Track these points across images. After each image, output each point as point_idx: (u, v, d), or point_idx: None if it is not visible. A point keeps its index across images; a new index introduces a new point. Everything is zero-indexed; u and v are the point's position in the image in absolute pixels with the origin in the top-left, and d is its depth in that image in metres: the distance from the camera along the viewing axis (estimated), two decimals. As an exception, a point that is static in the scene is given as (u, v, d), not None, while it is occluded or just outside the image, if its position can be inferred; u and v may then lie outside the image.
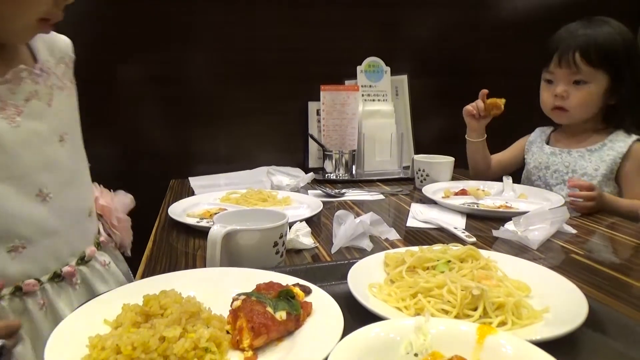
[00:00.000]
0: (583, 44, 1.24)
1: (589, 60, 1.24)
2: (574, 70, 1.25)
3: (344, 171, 1.55)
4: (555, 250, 0.89)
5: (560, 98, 1.30)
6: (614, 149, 1.28)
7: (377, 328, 0.46)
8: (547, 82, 1.34)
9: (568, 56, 1.25)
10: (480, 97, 1.42)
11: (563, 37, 1.29)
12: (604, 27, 1.25)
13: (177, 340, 0.47)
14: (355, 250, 0.88)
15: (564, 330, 0.51)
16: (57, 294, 0.77)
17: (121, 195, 1.01)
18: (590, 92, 1.27)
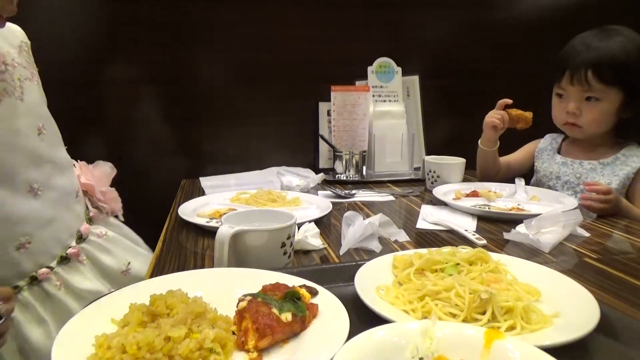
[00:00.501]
0: (595, 61, 1.20)
1: (602, 78, 1.20)
2: (585, 88, 1.22)
3: (354, 172, 1.55)
4: (568, 254, 0.88)
5: (572, 115, 1.27)
6: (627, 163, 1.26)
7: (382, 331, 0.46)
8: (559, 97, 1.32)
9: (580, 74, 1.22)
10: (498, 107, 1.37)
11: (574, 52, 1.25)
12: (617, 39, 1.21)
13: (182, 341, 0.47)
14: (364, 251, 0.87)
15: (575, 336, 0.50)
16: (68, 272, 0.85)
17: (100, 166, 1.04)
18: (603, 108, 1.24)
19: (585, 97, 1.25)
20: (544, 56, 1.34)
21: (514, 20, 1.90)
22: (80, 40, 1.55)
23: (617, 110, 1.24)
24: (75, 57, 1.54)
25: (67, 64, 1.53)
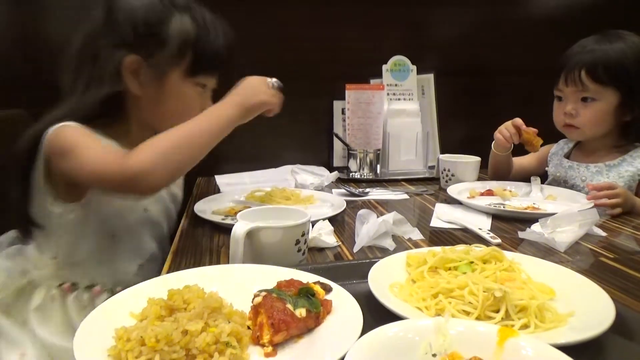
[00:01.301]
0: (589, 62, 1.21)
1: (595, 77, 1.21)
2: (580, 88, 1.23)
3: (368, 170, 1.55)
4: (584, 253, 0.87)
5: (570, 116, 1.27)
6: (633, 164, 1.24)
7: (396, 327, 0.46)
8: (558, 99, 1.32)
9: (574, 74, 1.23)
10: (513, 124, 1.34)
11: (571, 54, 1.26)
12: (617, 43, 1.22)
13: (199, 334, 0.48)
14: (377, 249, 0.88)
15: (589, 335, 0.49)
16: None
17: None
18: (599, 109, 1.23)
19: (581, 98, 1.25)
20: (561, 53, 1.33)
21: (530, 16, 1.88)
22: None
23: (615, 111, 1.23)
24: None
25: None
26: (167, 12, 0.93)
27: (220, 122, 0.91)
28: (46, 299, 0.92)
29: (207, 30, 0.97)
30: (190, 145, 0.86)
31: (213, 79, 1.05)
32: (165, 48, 0.93)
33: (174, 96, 0.98)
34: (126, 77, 0.92)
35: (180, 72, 0.96)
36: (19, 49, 1.53)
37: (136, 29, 0.91)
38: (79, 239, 0.95)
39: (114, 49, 0.91)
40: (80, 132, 0.88)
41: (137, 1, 0.94)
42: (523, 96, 1.90)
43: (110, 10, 0.93)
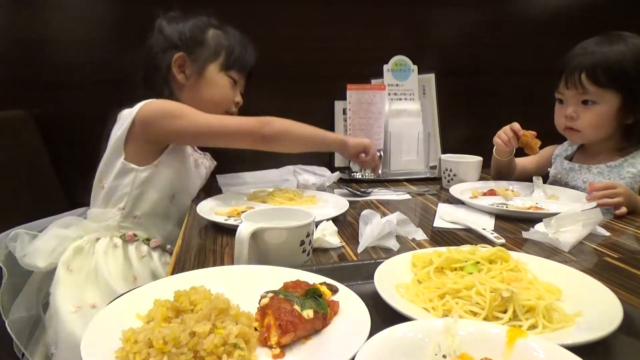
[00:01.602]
0: (589, 64, 1.20)
1: (595, 80, 1.20)
2: (580, 90, 1.22)
3: (370, 171, 1.55)
4: (588, 253, 0.87)
5: (570, 119, 1.27)
6: (634, 166, 1.24)
7: (405, 328, 0.46)
8: (559, 102, 1.32)
9: (574, 77, 1.22)
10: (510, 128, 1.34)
11: (572, 56, 1.26)
12: (617, 45, 1.21)
13: (206, 336, 0.48)
14: (381, 250, 0.88)
15: (598, 335, 0.49)
16: None
17: None
18: (599, 112, 1.23)
19: (582, 101, 1.24)
20: (562, 53, 1.32)
21: (531, 16, 1.88)
22: (104, 40, 1.57)
23: (617, 114, 1.23)
24: (100, 56, 1.57)
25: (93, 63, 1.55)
26: (205, 26, 1.27)
27: (323, 140, 1.27)
28: (109, 246, 1.12)
29: (235, 39, 1.29)
30: (299, 136, 1.22)
31: (242, 78, 1.34)
32: (204, 48, 1.25)
33: (210, 84, 1.27)
34: (175, 70, 1.24)
35: (216, 66, 1.27)
36: (19, 50, 1.53)
37: (182, 36, 1.24)
38: (145, 194, 1.16)
39: (165, 53, 1.24)
40: (176, 102, 1.19)
41: (181, 22, 1.26)
42: (524, 96, 1.90)
43: (161, 30, 1.26)
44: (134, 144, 1.13)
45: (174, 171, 1.19)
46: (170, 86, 1.25)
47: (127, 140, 1.12)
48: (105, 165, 1.15)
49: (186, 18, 1.26)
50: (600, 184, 1.15)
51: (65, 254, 1.08)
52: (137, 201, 1.15)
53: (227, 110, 1.31)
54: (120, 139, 1.12)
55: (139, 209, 1.16)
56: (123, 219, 1.15)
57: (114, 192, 1.14)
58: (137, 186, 1.14)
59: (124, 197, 1.14)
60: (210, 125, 1.14)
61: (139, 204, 1.16)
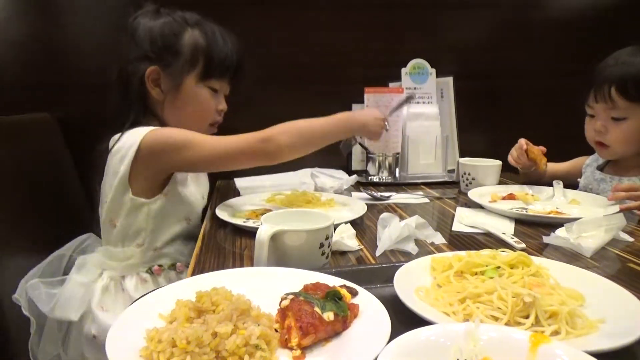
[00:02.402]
0: (619, 78, 1.17)
1: (626, 94, 1.17)
2: (610, 105, 1.20)
3: (387, 174, 1.55)
4: (610, 259, 0.86)
5: (600, 133, 1.25)
6: None
7: (428, 331, 0.46)
8: (590, 116, 1.29)
9: (604, 91, 1.19)
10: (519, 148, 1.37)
11: (602, 68, 1.23)
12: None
13: (229, 336, 0.49)
14: (400, 253, 0.87)
15: (623, 342, 0.49)
16: None
17: None
18: (629, 127, 1.20)
19: (611, 117, 1.22)
20: (585, 57, 1.30)
21: (549, 18, 1.86)
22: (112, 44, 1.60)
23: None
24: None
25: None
26: (180, 28, 1.12)
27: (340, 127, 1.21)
28: (138, 283, 1.08)
29: (216, 40, 1.14)
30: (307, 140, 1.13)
31: (225, 83, 1.21)
32: (179, 57, 1.11)
33: (190, 99, 1.14)
34: (149, 85, 1.11)
35: (194, 77, 1.13)
36: (42, 53, 1.56)
37: (154, 43, 1.10)
38: (161, 226, 1.11)
39: (138, 63, 1.10)
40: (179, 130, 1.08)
41: (154, 22, 1.11)
42: (542, 99, 1.88)
43: (133, 32, 1.12)
44: (139, 177, 1.05)
45: (184, 195, 1.13)
46: (146, 102, 1.13)
47: (131, 174, 1.04)
48: (112, 203, 1.07)
49: (159, 16, 1.12)
50: (624, 185, 1.13)
51: (94, 298, 1.05)
52: (155, 234, 1.10)
53: (211, 122, 1.21)
54: (124, 176, 1.04)
55: (158, 240, 1.11)
56: (144, 254, 1.10)
57: (128, 229, 1.09)
58: (152, 220, 1.09)
59: (140, 233, 1.09)
60: (217, 153, 1.06)
61: (157, 237, 1.11)
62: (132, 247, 1.09)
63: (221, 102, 1.21)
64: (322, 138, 1.16)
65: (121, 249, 1.10)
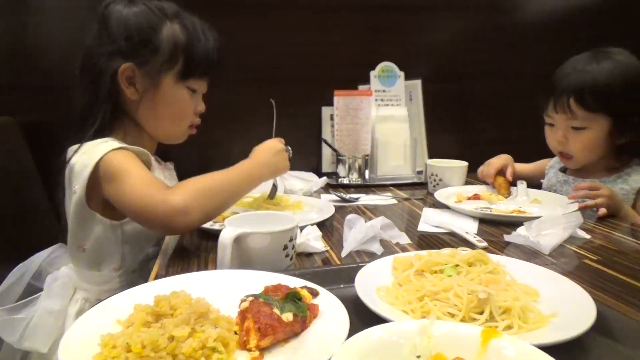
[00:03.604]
0: (577, 88, 1.17)
1: (584, 105, 1.17)
2: (569, 116, 1.20)
3: (357, 176, 1.56)
4: (568, 256, 0.88)
5: (561, 143, 1.26)
6: (628, 182, 1.23)
7: (381, 330, 0.46)
8: (549, 125, 1.30)
9: (562, 101, 1.20)
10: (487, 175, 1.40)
11: (559, 78, 1.23)
12: (605, 64, 1.18)
13: (185, 340, 0.48)
14: (365, 254, 0.88)
15: (571, 335, 0.50)
16: None
17: None
18: (590, 137, 1.21)
19: (571, 127, 1.22)
20: (551, 60, 1.33)
21: (517, 22, 1.91)
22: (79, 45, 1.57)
23: (608, 137, 1.21)
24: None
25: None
26: (158, 21, 1.00)
27: (251, 180, 1.01)
28: None
29: (197, 36, 1.03)
30: (224, 192, 0.94)
31: (204, 83, 1.12)
32: (157, 54, 1.00)
33: (167, 100, 1.04)
34: (122, 84, 1.00)
35: (173, 76, 1.03)
36: (3, 55, 1.52)
37: (129, 38, 0.98)
38: (136, 248, 1.03)
39: (110, 58, 0.98)
40: (128, 158, 0.94)
41: (129, 11, 0.99)
42: (509, 102, 1.92)
43: (104, 22, 0.99)
44: (100, 198, 0.95)
45: None
46: (118, 101, 1.02)
47: (92, 195, 0.94)
48: (76, 225, 0.98)
49: (134, 4, 1.00)
50: (585, 184, 1.16)
51: (68, 324, 0.98)
52: (131, 256, 1.02)
53: (190, 124, 1.12)
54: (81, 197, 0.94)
55: (134, 262, 1.03)
56: (121, 277, 1.02)
57: (99, 253, 1.00)
58: (125, 242, 1.00)
59: (114, 256, 1.00)
60: (133, 208, 0.89)
61: (133, 258, 1.03)
62: (107, 271, 1.02)
63: (200, 103, 1.12)
64: (234, 199, 0.98)
65: (97, 272, 1.02)
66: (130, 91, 1.01)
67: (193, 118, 1.12)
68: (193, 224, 0.89)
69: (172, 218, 0.85)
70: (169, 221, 0.85)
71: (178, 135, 1.14)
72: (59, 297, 1.01)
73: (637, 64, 1.20)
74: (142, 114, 1.05)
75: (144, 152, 1.00)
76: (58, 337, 0.97)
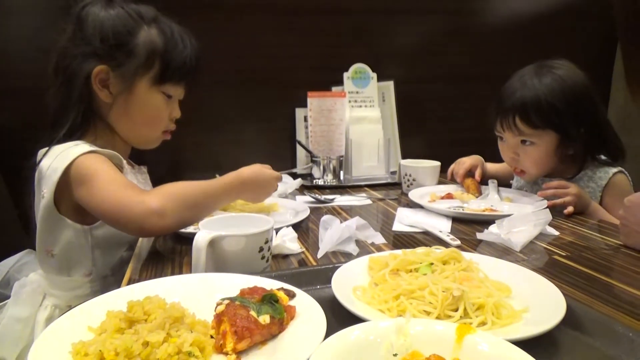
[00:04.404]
0: (520, 107, 1.19)
1: (529, 123, 1.19)
2: (516, 133, 1.22)
3: (332, 177, 1.56)
4: (538, 252, 0.91)
5: (513, 160, 1.28)
6: (593, 180, 1.27)
7: (358, 330, 0.47)
8: (500, 139, 1.32)
9: (508, 120, 1.22)
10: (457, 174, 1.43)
11: (505, 94, 1.24)
12: (545, 79, 1.19)
13: (160, 345, 0.48)
14: (341, 254, 0.89)
15: (542, 329, 0.52)
16: None
17: None
18: (539, 150, 1.23)
19: (521, 141, 1.24)
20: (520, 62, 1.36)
21: (488, 24, 1.95)
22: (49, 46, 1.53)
23: (557, 149, 1.23)
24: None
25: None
26: (135, 25, 0.99)
27: (229, 195, 0.98)
28: None
29: (174, 41, 1.03)
30: (202, 203, 0.91)
31: (180, 89, 1.10)
32: (133, 58, 0.99)
33: (142, 104, 1.03)
34: (95, 86, 0.98)
35: (148, 80, 1.02)
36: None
37: (105, 40, 0.97)
38: (107, 253, 1.00)
39: (84, 60, 0.97)
40: (100, 161, 0.92)
41: (106, 14, 0.98)
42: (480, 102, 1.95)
43: (80, 23, 0.98)
44: (69, 202, 0.93)
45: None
46: (91, 104, 1.00)
47: (61, 200, 0.93)
48: (44, 230, 0.95)
49: (111, 6, 0.98)
50: (554, 183, 1.19)
51: (37, 332, 0.95)
52: (102, 261, 0.99)
53: (164, 129, 1.11)
54: (49, 201, 0.92)
55: (107, 267, 1.00)
56: (93, 283, 0.99)
57: (69, 258, 0.97)
58: (96, 247, 0.98)
59: (84, 261, 0.98)
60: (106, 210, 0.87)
61: (105, 264, 1.00)
62: (77, 277, 0.99)
63: (175, 109, 1.11)
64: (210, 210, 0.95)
65: (67, 278, 0.99)
66: (103, 94, 0.99)
67: (168, 124, 1.11)
68: (168, 228, 0.87)
69: (147, 219, 0.82)
70: (144, 222, 0.83)
71: (151, 141, 1.12)
72: (27, 304, 0.99)
73: (576, 78, 1.21)
74: (115, 117, 1.03)
75: (116, 156, 0.98)
76: (26, 345, 0.95)
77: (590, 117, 1.21)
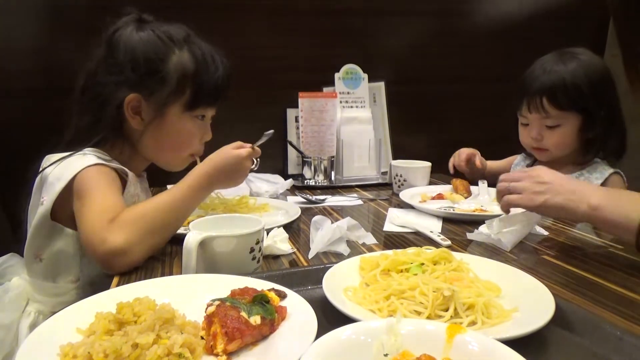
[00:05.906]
0: (549, 89, 1.24)
1: (557, 104, 1.24)
2: (543, 115, 1.27)
3: (323, 177, 1.56)
4: (528, 252, 0.91)
5: (536, 140, 1.32)
6: (589, 179, 1.30)
7: (349, 330, 0.47)
8: (523, 125, 1.36)
9: (536, 102, 1.26)
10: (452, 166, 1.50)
11: (531, 79, 1.29)
12: (571, 65, 1.25)
13: (150, 347, 0.47)
14: (332, 255, 0.89)
15: (531, 328, 0.52)
16: None
17: None
18: (564, 133, 1.28)
19: (545, 125, 1.29)
20: (510, 63, 1.38)
21: (478, 25, 1.96)
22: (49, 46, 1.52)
23: (579, 132, 1.28)
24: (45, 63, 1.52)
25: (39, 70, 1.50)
26: (166, 49, 0.98)
27: (200, 193, 0.94)
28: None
29: (205, 64, 1.01)
30: (170, 219, 0.88)
31: (212, 109, 1.09)
32: (164, 85, 0.97)
33: (173, 130, 1.02)
34: (128, 114, 0.97)
35: (180, 107, 1.00)
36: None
37: (136, 68, 0.95)
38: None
39: (116, 87, 0.96)
40: (101, 177, 0.90)
41: (137, 39, 0.97)
42: (470, 102, 1.98)
43: (111, 49, 0.97)
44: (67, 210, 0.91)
45: None
46: (122, 130, 1.00)
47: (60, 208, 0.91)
48: (37, 236, 0.94)
49: (142, 28, 0.98)
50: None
51: (21, 339, 0.93)
52: (89, 269, 0.96)
53: (192, 152, 1.09)
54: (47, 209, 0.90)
55: (94, 274, 0.96)
56: (80, 290, 0.97)
57: (56, 264, 0.95)
58: (85, 254, 0.95)
59: (72, 269, 0.96)
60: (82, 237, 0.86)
61: (93, 270, 0.95)
62: (63, 283, 0.97)
63: (207, 132, 1.10)
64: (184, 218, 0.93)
65: (52, 284, 0.97)
66: (135, 121, 0.99)
67: (198, 147, 1.09)
68: (137, 262, 0.83)
69: (110, 261, 0.79)
70: (109, 263, 0.80)
71: (178, 164, 1.10)
72: (10, 310, 0.96)
73: (598, 62, 1.29)
74: (144, 142, 1.02)
75: (122, 168, 0.97)
76: (9, 352, 0.93)
77: (610, 100, 1.27)
